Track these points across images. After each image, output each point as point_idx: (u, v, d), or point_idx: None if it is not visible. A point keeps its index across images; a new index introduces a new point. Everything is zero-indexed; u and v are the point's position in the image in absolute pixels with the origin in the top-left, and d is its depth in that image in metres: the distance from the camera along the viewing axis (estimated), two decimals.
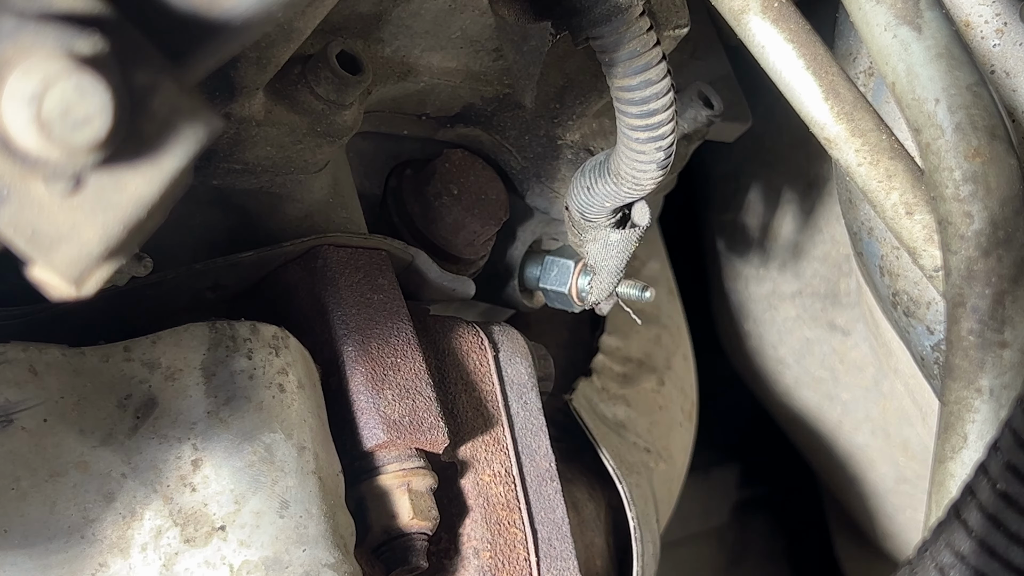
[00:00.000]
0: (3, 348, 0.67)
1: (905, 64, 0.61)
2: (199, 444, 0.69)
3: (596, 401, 1.15)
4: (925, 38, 0.60)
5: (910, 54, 0.60)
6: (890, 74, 0.62)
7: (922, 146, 0.60)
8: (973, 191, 0.58)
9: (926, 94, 0.60)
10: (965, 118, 0.59)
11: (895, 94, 0.62)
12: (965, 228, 0.58)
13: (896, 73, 0.61)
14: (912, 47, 0.60)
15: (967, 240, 0.58)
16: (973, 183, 0.58)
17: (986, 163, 0.58)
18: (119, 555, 0.66)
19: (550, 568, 0.84)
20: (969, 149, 0.59)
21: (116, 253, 0.42)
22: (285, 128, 0.77)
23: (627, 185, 0.81)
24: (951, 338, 0.59)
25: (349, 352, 0.78)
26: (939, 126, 0.59)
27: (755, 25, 0.66)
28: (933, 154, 0.60)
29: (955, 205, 0.59)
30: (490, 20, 0.85)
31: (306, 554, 0.68)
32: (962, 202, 0.58)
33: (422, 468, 0.78)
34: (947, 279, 0.59)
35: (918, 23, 0.60)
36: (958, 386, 0.59)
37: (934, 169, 0.60)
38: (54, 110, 0.38)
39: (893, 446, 1.42)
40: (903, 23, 0.60)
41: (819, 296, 1.41)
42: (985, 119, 0.59)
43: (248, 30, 0.46)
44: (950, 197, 0.59)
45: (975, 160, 0.58)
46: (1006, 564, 0.49)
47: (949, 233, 0.59)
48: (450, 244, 0.95)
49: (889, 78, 0.62)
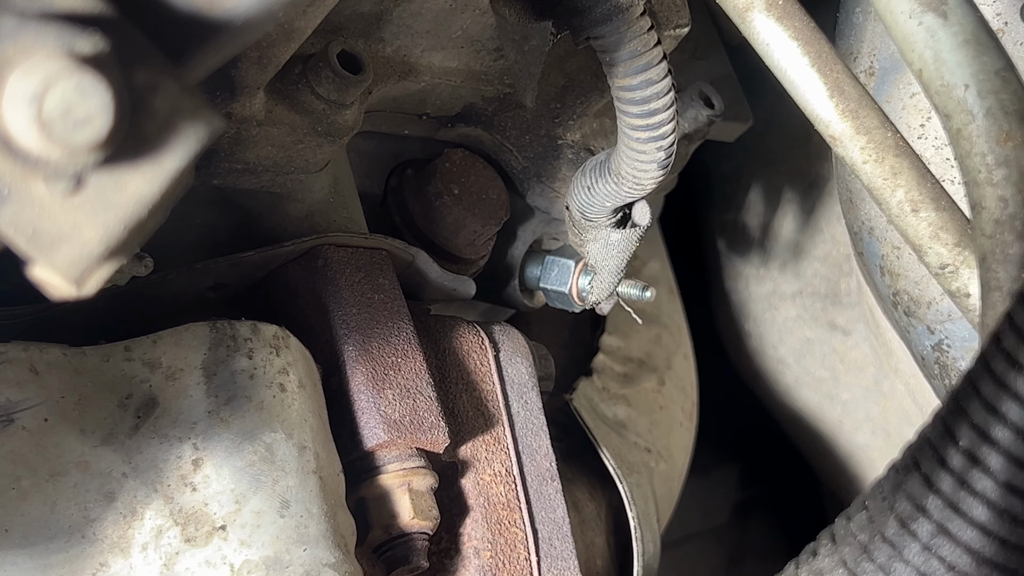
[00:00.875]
0: (4, 348, 0.67)
1: (932, 51, 0.60)
2: (200, 444, 0.69)
3: (597, 401, 1.15)
4: (951, 24, 0.60)
5: (937, 41, 0.60)
6: (916, 61, 0.61)
7: (952, 132, 0.60)
8: (1007, 175, 0.58)
9: (955, 80, 0.60)
10: (995, 103, 0.59)
11: (922, 81, 0.61)
12: (1000, 212, 0.57)
13: (923, 60, 0.61)
14: (938, 34, 0.60)
15: (1003, 224, 0.57)
16: (1006, 167, 0.58)
17: (1018, 147, 0.58)
18: (120, 555, 0.66)
19: (551, 568, 0.84)
20: (1001, 133, 0.58)
21: (117, 253, 0.42)
22: (286, 128, 0.77)
23: (628, 185, 0.81)
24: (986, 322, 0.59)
25: (350, 352, 0.78)
26: (970, 111, 0.59)
27: (759, 23, 0.66)
28: (965, 139, 0.59)
29: (989, 190, 0.58)
30: (491, 20, 0.85)
31: (307, 554, 0.68)
32: (996, 186, 0.58)
33: (423, 468, 0.78)
34: (981, 264, 0.58)
35: (943, 9, 0.60)
36: None
37: (966, 155, 0.59)
38: (55, 110, 0.38)
39: (893, 446, 1.42)
40: (928, 10, 0.60)
41: (820, 296, 1.41)
42: (1015, 103, 0.59)
43: (249, 30, 0.46)
44: (983, 182, 0.59)
45: (1007, 144, 0.58)
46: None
47: (984, 218, 0.58)
48: (451, 244, 0.95)
49: (915, 65, 0.61)
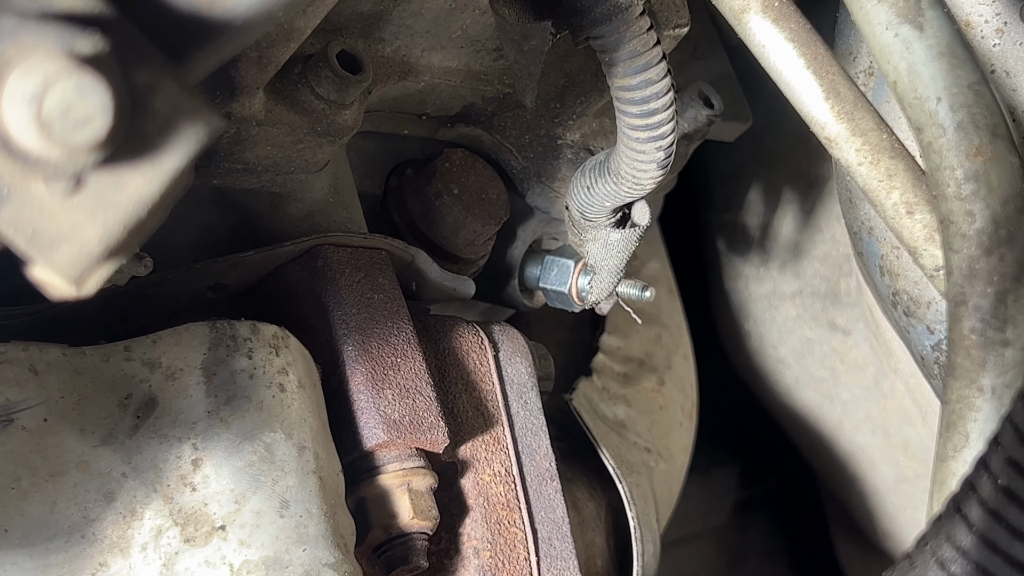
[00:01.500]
0: (4, 348, 0.67)
1: (907, 63, 0.60)
2: (199, 444, 0.69)
3: (596, 401, 1.15)
4: (927, 37, 0.60)
5: (912, 53, 0.60)
6: (891, 73, 0.61)
7: (924, 145, 0.60)
8: (975, 190, 0.58)
9: (928, 93, 0.60)
10: (967, 117, 0.59)
11: (896, 93, 0.62)
12: (967, 227, 0.58)
13: (898, 72, 0.61)
14: (914, 46, 0.60)
15: (969, 239, 0.58)
16: (975, 182, 0.58)
17: (988, 162, 0.58)
18: (119, 555, 0.66)
19: (550, 568, 0.84)
20: (971, 148, 0.59)
21: (116, 253, 0.42)
22: (286, 128, 0.77)
23: (627, 185, 0.81)
24: (953, 337, 0.59)
25: (349, 352, 0.78)
26: (941, 125, 0.59)
27: (755, 24, 0.66)
28: (935, 153, 0.60)
29: (957, 204, 0.59)
30: (491, 20, 0.85)
31: (306, 554, 0.68)
32: (964, 200, 0.58)
33: (422, 468, 0.78)
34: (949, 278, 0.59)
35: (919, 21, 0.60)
36: (960, 385, 0.58)
37: (936, 168, 0.60)
38: (54, 110, 0.38)
39: (893, 446, 1.42)
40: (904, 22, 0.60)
41: (819, 296, 1.41)
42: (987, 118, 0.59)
43: (249, 30, 0.46)
44: (952, 196, 0.59)
45: (977, 159, 0.58)
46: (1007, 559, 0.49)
47: (951, 232, 0.59)
48: (450, 244, 0.95)
49: (891, 77, 0.62)
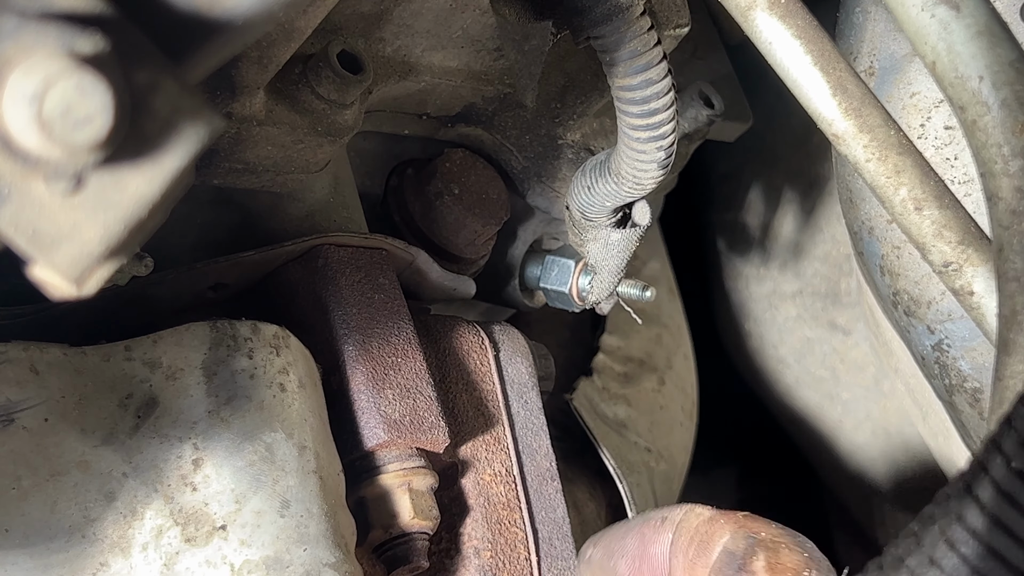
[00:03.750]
0: (4, 347, 0.67)
1: (946, 43, 0.60)
2: (200, 443, 0.69)
3: (597, 400, 1.15)
4: (964, 16, 0.60)
5: (950, 33, 0.60)
6: (929, 53, 0.61)
7: (967, 124, 0.60)
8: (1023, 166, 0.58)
9: (970, 72, 0.60)
10: (1010, 94, 0.59)
11: (935, 74, 0.61)
12: (1017, 202, 0.58)
13: (936, 52, 0.61)
14: (952, 26, 0.60)
15: (1020, 214, 0.57)
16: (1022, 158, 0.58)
17: None
18: (120, 554, 0.66)
19: (551, 567, 0.84)
20: (1016, 124, 0.58)
21: (117, 252, 0.42)
22: (286, 127, 0.77)
23: (628, 184, 0.81)
24: (1005, 313, 0.58)
25: (350, 351, 0.78)
26: (985, 103, 0.59)
27: (762, 21, 0.66)
28: (980, 131, 0.60)
29: (1005, 180, 0.59)
30: (491, 19, 0.85)
31: (307, 553, 0.68)
32: (1012, 177, 0.58)
33: (423, 468, 0.78)
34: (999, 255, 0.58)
35: (955, 1, 0.60)
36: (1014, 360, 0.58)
37: (981, 146, 0.60)
38: (55, 109, 0.38)
39: (893, 445, 1.42)
40: (940, 2, 0.60)
41: (820, 295, 1.41)
42: None
43: (249, 30, 0.46)
44: (1000, 172, 0.59)
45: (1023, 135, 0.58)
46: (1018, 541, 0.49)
47: (1000, 208, 0.59)
48: (451, 243, 0.95)
49: (928, 57, 0.61)
